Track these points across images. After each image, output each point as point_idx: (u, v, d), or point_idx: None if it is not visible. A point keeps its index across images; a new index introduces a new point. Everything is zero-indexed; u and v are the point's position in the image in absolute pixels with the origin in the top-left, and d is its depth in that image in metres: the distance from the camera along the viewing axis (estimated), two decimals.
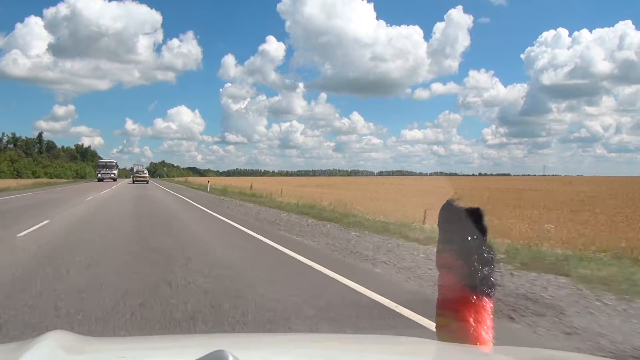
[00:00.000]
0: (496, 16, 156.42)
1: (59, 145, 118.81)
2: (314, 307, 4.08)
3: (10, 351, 1.08)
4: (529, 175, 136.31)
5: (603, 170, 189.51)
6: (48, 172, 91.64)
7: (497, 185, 42.16)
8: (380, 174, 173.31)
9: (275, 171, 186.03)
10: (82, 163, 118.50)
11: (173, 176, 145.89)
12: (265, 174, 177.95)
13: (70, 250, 7.19)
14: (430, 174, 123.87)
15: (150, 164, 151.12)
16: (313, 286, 5.09)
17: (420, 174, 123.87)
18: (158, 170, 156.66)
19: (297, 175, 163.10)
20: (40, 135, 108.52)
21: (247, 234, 9.70)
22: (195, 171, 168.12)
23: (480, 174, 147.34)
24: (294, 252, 7.23)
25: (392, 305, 4.24)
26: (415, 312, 3.96)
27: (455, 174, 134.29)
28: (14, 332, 3.42)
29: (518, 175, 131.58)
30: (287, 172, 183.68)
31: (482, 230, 1.33)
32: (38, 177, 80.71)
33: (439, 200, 1.44)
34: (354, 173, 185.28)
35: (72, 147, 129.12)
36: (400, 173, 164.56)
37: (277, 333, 3.27)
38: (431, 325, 2.80)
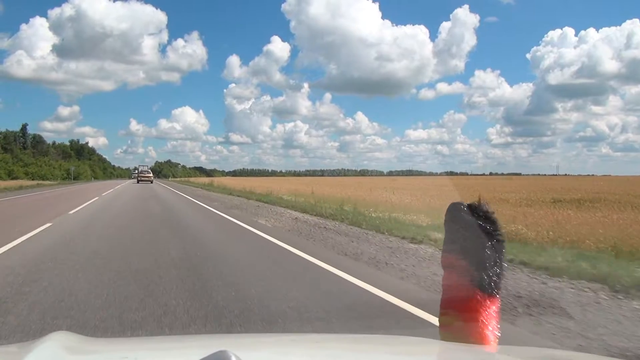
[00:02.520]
0: (503, 15, 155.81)
1: (48, 141, 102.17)
2: None
3: (13, 352, 1.09)
4: (539, 174, 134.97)
5: (610, 169, 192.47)
6: (30, 171, 74.63)
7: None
8: (390, 173, 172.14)
9: (283, 171, 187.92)
10: (77, 161, 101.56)
11: (180, 176, 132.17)
12: (273, 174, 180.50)
13: None
14: (440, 174, 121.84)
15: (155, 163, 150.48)
16: None
17: (430, 174, 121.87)
18: (164, 170, 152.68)
19: (305, 175, 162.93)
20: (24, 127, 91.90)
21: None
22: (201, 171, 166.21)
23: (490, 174, 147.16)
24: None
25: None
26: None
27: (466, 174, 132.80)
28: None
29: (528, 174, 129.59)
30: (294, 172, 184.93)
31: (491, 230, 1.31)
32: (16, 178, 63.69)
33: None
34: (363, 173, 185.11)
35: (67, 143, 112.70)
36: (409, 173, 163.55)
37: (280, 334, 3.21)
38: None
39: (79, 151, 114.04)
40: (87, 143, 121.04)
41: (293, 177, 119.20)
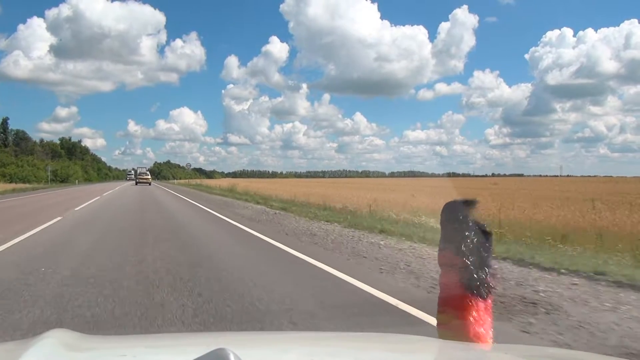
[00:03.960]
0: (502, 16, 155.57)
1: (35, 138, 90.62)
2: None
3: (12, 349, 1.07)
4: (540, 175, 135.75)
5: (609, 170, 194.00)
6: (9, 172, 63.55)
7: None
8: (392, 175, 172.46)
9: (284, 172, 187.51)
10: (67, 161, 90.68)
11: (180, 178, 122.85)
12: (273, 175, 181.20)
13: None
14: (442, 175, 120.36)
15: (154, 164, 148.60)
16: None
17: (433, 175, 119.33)
18: (163, 171, 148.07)
19: (306, 176, 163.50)
20: (4, 122, 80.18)
21: None
22: (201, 172, 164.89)
23: (493, 175, 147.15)
24: None
25: None
26: None
27: (469, 175, 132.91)
28: None
29: (530, 176, 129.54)
30: (295, 173, 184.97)
31: (484, 231, 1.34)
32: None
33: None
34: (365, 174, 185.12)
35: (56, 141, 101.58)
36: (412, 174, 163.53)
37: (278, 331, 3.17)
38: None
39: (70, 150, 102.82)
40: (79, 141, 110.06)
41: (307, 180, 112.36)
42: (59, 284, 5.02)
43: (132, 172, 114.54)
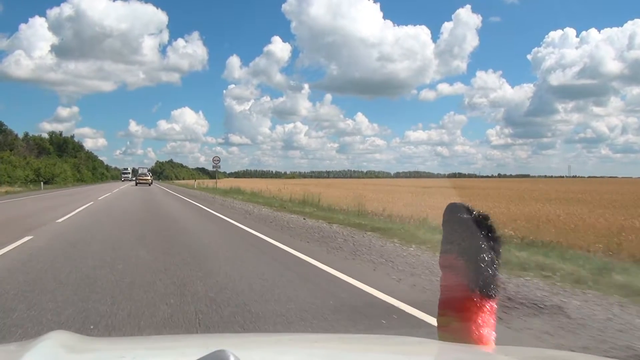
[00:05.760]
0: (505, 16, 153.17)
1: (17, 132, 76.48)
2: None
3: (11, 351, 1.08)
4: (546, 176, 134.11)
5: (611, 170, 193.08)
6: None
7: None
8: (397, 175, 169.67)
9: (287, 173, 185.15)
10: (56, 159, 76.99)
11: (183, 178, 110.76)
12: (276, 175, 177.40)
13: None
14: (448, 176, 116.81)
15: (156, 163, 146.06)
16: None
17: (438, 175, 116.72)
18: (166, 170, 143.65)
19: (310, 177, 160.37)
20: None
21: None
22: (204, 172, 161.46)
23: (499, 175, 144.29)
24: None
25: None
26: None
27: (475, 176, 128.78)
28: None
29: (536, 176, 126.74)
30: (299, 173, 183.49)
31: (488, 232, 1.29)
32: None
33: None
34: (369, 175, 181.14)
35: (46, 136, 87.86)
36: (417, 175, 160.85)
37: (278, 333, 3.21)
38: None
39: (61, 146, 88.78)
40: (72, 137, 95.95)
41: (305, 180, 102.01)
42: None
43: (129, 171, 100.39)
